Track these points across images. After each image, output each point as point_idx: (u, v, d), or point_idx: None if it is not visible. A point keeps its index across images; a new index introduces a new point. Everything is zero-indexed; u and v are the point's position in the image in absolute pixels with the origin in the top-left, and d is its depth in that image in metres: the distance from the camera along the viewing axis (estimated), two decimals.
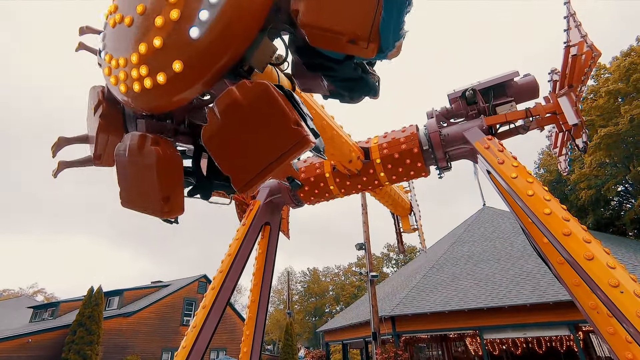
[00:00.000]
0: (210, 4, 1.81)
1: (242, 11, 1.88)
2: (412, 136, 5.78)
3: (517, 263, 15.91)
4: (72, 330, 19.08)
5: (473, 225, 21.73)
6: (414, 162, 5.73)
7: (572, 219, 4.22)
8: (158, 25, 1.87)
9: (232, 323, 29.36)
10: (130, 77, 2.01)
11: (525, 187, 4.58)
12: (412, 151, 5.69)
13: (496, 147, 5.14)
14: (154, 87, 1.95)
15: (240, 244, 6.52)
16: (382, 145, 5.93)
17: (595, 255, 3.81)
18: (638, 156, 20.97)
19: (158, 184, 2.08)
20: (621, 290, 3.50)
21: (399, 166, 5.79)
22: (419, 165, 5.72)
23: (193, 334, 5.70)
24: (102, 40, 2.28)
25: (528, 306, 12.53)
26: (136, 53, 1.93)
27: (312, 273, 69.88)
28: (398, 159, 5.79)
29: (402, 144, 5.81)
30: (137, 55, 1.93)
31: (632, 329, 3.39)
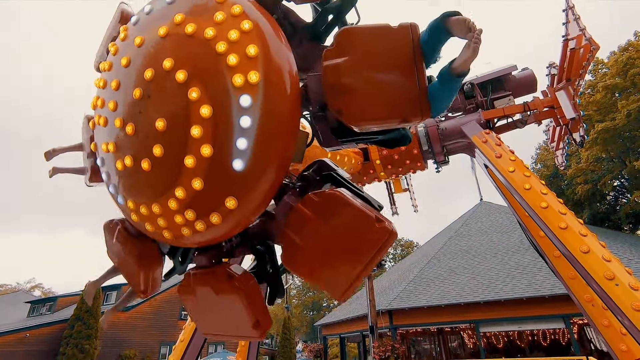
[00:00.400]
0: (243, 129, 1.63)
1: (279, 125, 1.73)
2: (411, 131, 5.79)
3: (514, 257, 16.02)
4: (70, 324, 19.10)
5: (470, 219, 21.82)
6: (414, 162, 5.75)
7: (569, 212, 4.24)
8: (190, 166, 1.66)
9: None
10: (175, 224, 1.81)
11: (523, 181, 4.58)
12: (411, 152, 5.69)
13: (494, 141, 5.13)
14: (208, 228, 1.77)
15: None
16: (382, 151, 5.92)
17: (591, 248, 3.83)
18: (634, 151, 21.07)
19: (247, 315, 1.94)
20: (616, 283, 3.52)
21: (399, 166, 5.79)
22: (417, 157, 5.72)
23: (191, 327, 5.71)
24: (108, 179, 2.07)
25: (524, 300, 12.63)
26: (174, 199, 1.73)
27: None
28: (398, 160, 5.78)
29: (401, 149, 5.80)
30: (175, 201, 1.73)
31: (627, 322, 3.41)
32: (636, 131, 20.05)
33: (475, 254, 17.77)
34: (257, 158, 1.66)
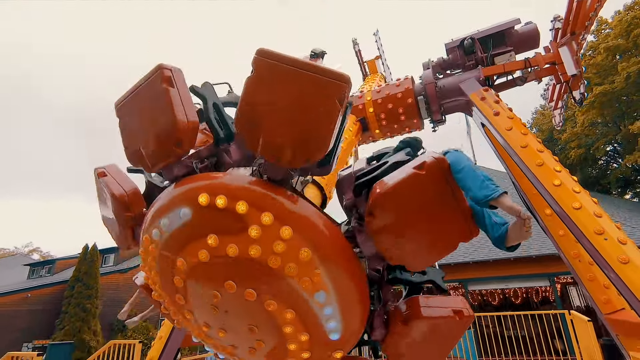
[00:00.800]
0: (328, 316, 1.76)
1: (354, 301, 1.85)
2: (406, 83, 5.63)
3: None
4: (70, 285, 19.54)
5: None
6: (408, 112, 5.61)
7: (563, 170, 4.24)
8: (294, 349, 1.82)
9: None
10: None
11: (519, 139, 4.54)
12: (406, 100, 5.55)
13: (492, 99, 5.02)
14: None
15: None
16: (377, 101, 5.77)
17: (583, 204, 3.87)
18: (630, 115, 21.02)
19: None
20: (605, 238, 3.59)
21: (393, 118, 5.65)
22: (413, 115, 5.59)
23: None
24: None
25: (512, 260, 13.07)
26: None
27: None
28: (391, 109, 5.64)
29: (396, 94, 5.66)
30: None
31: (613, 275, 3.52)
32: (634, 95, 19.88)
33: None
34: (348, 326, 1.84)
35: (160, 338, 5.53)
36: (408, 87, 5.68)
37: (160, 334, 5.57)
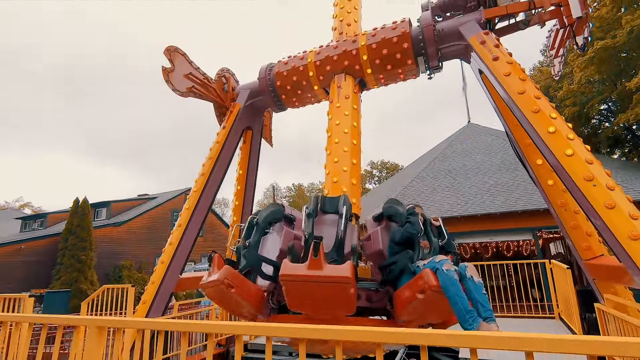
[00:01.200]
0: None
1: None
2: (403, 26, 5.32)
3: (494, 176, 16.57)
4: (63, 238, 19.71)
5: (456, 141, 22.00)
6: (403, 59, 5.36)
7: (559, 117, 4.15)
8: None
9: (220, 233, 30.91)
10: None
11: (517, 85, 4.39)
12: (401, 41, 5.27)
13: (492, 43, 4.79)
14: None
15: (221, 148, 6.36)
16: (371, 34, 5.47)
17: (575, 151, 3.83)
18: (628, 72, 20.67)
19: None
20: (594, 184, 3.59)
21: (387, 63, 5.40)
22: (409, 63, 5.36)
23: (179, 232, 5.84)
24: None
25: (498, 214, 13.39)
26: None
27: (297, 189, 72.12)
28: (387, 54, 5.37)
29: (392, 34, 5.36)
30: None
31: (599, 220, 3.56)
32: (634, 51, 19.41)
33: (457, 173, 18.29)
34: None
35: (153, 283, 5.64)
36: (405, 30, 5.37)
37: (152, 279, 5.68)
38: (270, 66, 6.46)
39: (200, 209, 6.08)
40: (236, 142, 6.72)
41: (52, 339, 9.69)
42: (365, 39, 5.47)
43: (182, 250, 5.82)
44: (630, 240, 3.22)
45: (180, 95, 6.14)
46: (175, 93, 6.04)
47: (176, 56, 6.05)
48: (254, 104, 6.84)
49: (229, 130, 6.45)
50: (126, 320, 2.00)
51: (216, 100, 6.74)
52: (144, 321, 1.90)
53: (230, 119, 6.54)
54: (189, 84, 6.20)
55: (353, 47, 5.59)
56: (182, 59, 6.16)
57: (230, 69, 7.10)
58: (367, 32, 5.58)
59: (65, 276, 18.61)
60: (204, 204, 6.12)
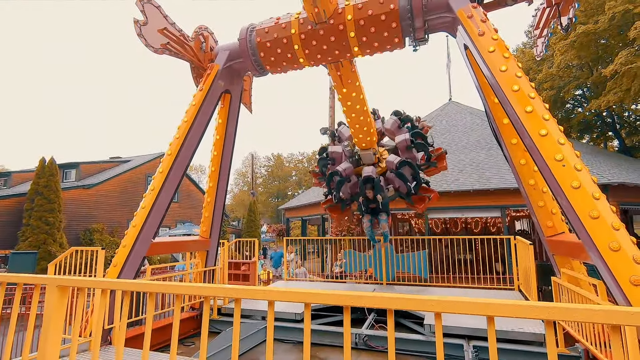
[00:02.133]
0: None
1: None
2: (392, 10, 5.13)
3: (470, 154, 16.96)
4: (29, 198, 18.89)
5: (436, 118, 22.20)
6: (390, 25, 5.21)
7: (537, 96, 4.21)
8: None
9: (196, 199, 30.50)
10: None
11: (500, 62, 4.38)
12: (389, 10, 5.11)
13: (479, 17, 4.72)
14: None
15: (197, 110, 6.11)
16: (358, 3, 5.27)
17: (550, 131, 3.93)
18: (605, 59, 21.17)
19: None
20: (564, 164, 3.72)
21: (373, 26, 5.24)
22: (394, 27, 5.20)
23: (152, 195, 5.69)
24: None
25: (472, 192, 13.84)
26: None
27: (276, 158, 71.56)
28: (373, 17, 5.20)
29: (379, 9, 5.18)
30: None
31: (564, 200, 3.71)
32: (613, 39, 19.80)
33: None
34: None
35: (125, 246, 5.53)
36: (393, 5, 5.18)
37: (124, 242, 5.57)
38: (251, 27, 6.15)
39: (175, 174, 5.91)
40: (213, 106, 6.48)
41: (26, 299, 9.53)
42: (352, 11, 5.25)
43: (155, 215, 5.70)
44: (590, 218, 3.39)
45: (154, 52, 5.78)
46: (148, 49, 5.68)
47: (150, 8, 5.63)
48: (233, 66, 6.55)
49: (206, 93, 6.19)
50: (87, 280, 1.95)
51: (193, 60, 6.41)
52: (105, 281, 1.86)
53: (208, 80, 6.26)
54: (164, 40, 5.83)
55: (339, 20, 5.37)
56: (156, 12, 5.75)
57: (209, 27, 6.71)
58: (352, 3, 5.35)
59: (32, 237, 18.00)
60: (178, 168, 5.95)
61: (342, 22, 5.37)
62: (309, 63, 5.97)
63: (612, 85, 18.51)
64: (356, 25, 5.30)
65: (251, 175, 42.17)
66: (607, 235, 3.26)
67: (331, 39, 5.52)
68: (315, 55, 5.77)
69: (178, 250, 7.05)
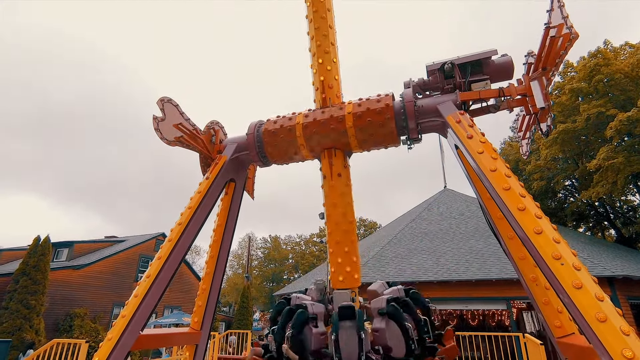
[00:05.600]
0: None
1: None
2: (387, 99, 5.80)
3: (468, 242, 16.90)
4: (14, 279, 18.12)
5: (433, 205, 22.65)
6: (386, 125, 5.71)
7: (528, 195, 4.43)
8: None
9: (188, 283, 29.25)
10: None
11: (489, 163, 4.72)
12: (385, 116, 5.67)
13: (467, 122, 5.22)
14: None
15: (202, 198, 6.31)
16: (357, 103, 5.87)
17: (543, 229, 4.04)
18: (587, 153, 22.52)
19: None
20: (562, 263, 3.76)
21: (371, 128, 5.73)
22: (391, 131, 5.69)
23: (147, 283, 5.54)
24: None
25: (473, 282, 13.45)
26: None
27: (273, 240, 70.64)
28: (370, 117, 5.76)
29: (376, 105, 5.78)
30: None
31: (567, 299, 3.67)
32: (592, 135, 21.38)
33: (434, 237, 18.58)
34: None
35: (110, 339, 5.19)
36: (388, 103, 5.79)
37: (109, 335, 5.25)
38: (259, 123, 6.72)
39: (173, 260, 5.85)
40: (218, 193, 6.71)
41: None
42: (351, 107, 5.85)
43: (148, 304, 5.45)
44: (597, 322, 3.30)
45: (167, 143, 6.21)
46: (162, 141, 6.11)
47: (169, 106, 6.23)
48: (240, 157, 6.97)
49: (212, 181, 6.47)
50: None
51: (203, 151, 6.84)
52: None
53: (215, 170, 6.59)
54: (178, 133, 6.31)
55: (339, 113, 5.94)
56: (174, 109, 6.35)
57: (220, 121, 7.33)
58: (352, 101, 5.99)
59: (7, 323, 16.77)
60: (177, 255, 5.91)
61: (342, 114, 5.91)
62: (310, 154, 6.34)
63: (599, 178, 19.41)
64: (354, 118, 5.82)
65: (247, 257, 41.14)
66: (617, 341, 3.14)
67: (331, 126, 5.96)
68: (315, 145, 6.14)
69: (167, 345, 6.59)
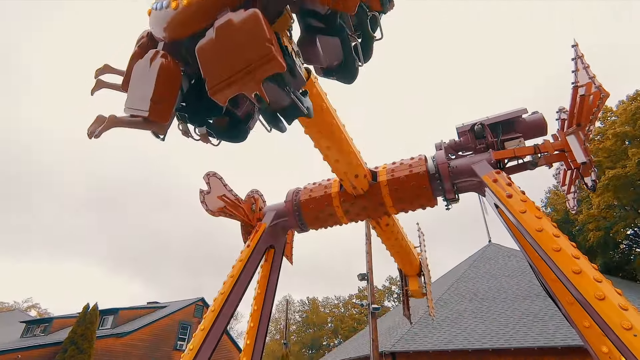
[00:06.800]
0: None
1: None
2: (420, 162, 5.88)
3: (524, 303, 15.44)
4: (63, 348, 18.58)
5: (478, 261, 21.31)
6: (421, 187, 5.74)
7: (582, 256, 4.16)
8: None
9: (227, 350, 28.41)
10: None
11: (534, 223, 4.54)
12: (419, 175, 5.73)
13: (504, 181, 5.15)
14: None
15: (243, 266, 6.46)
16: (390, 169, 6.00)
17: (606, 295, 3.72)
18: None
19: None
20: (634, 334, 3.39)
21: (406, 190, 5.78)
22: (426, 191, 5.71)
23: (190, 356, 5.55)
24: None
25: (535, 349, 12.04)
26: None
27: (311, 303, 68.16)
28: (405, 182, 5.81)
29: (410, 168, 5.87)
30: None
31: None
32: None
33: (484, 297, 17.18)
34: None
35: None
36: (422, 166, 5.89)
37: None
38: (296, 190, 7.01)
39: (216, 331, 5.86)
40: (258, 260, 6.85)
41: None
42: (385, 175, 5.98)
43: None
44: None
45: (211, 214, 6.60)
46: (207, 213, 6.51)
47: (213, 180, 6.73)
48: (279, 224, 7.19)
49: (252, 249, 6.65)
50: None
51: (244, 220, 7.15)
52: None
53: (255, 237, 6.81)
54: (222, 204, 6.71)
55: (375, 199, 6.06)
56: (218, 182, 6.83)
57: (260, 190, 7.73)
58: (386, 167, 6.16)
59: None
60: (219, 325, 5.93)
61: (377, 186, 6.03)
62: (348, 221, 6.46)
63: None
64: (390, 188, 5.91)
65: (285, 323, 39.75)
66: None
67: (368, 199, 6.10)
68: (353, 214, 6.28)
69: None
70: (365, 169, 5.82)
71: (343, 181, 5.90)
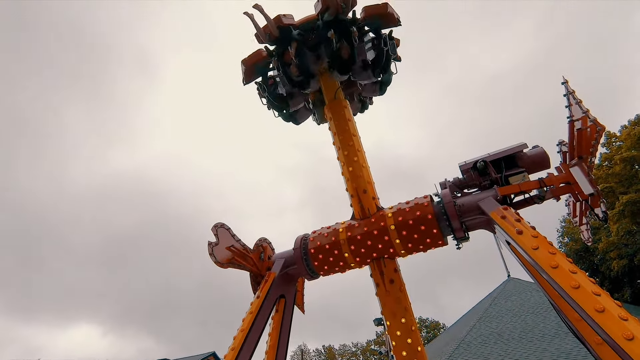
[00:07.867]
0: None
1: None
2: (425, 203, 5.86)
3: (553, 342, 14.52)
4: None
5: (499, 298, 20.37)
6: (429, 229, 5.68)
7: (603, 293, 3.99)
8: None
9: None
10: None
11: (549, 259, 4.42)
12: (426, 217, 5.69)
13: (513, 217, 5.09)
14: None
15: (254, 318, 6.29)
16: (396, 212, 5.97)
17: (635, 335, 3.52)
18: None
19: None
20: None
21: (414, 232, 5.72)
22: (435, 232, 5.64)
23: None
24: None
25: None
26: None
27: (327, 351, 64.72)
28: (412, 225, 5.76)
29: (416, 211, 5.84)
30: None
31: None
32: None
33: (509, 338, 16.20)
34: None
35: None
36: (428, 207, 5.87)
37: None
38: (304, 237, 6.97)
39: None
40: (269, 311, 6.67)
41: None
42: (392, 218, 5.95)
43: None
44: None
45: (220, 266, 6.55)
46: (216, 265, 6.47)
47: (221, 231, 6.75)
48: (288, 272, 7.07)
49: (262, 300, 6.50)
50: None
51: (252, 269, 7.07)
52: None
53: (265, 288, 6.68)
54: (230, 255, 6.68)
55: (382, 227, 6.03)
56: (225, 233, 6.84)
57: (268, 238, 7.71)
58: (392, 208, 6.15)
59: None
60: None
61: (385, 228, 5.99)
62: (358, 265, 6.34)
63: None
64: (397, 229, 5.85)
65: None
66: None
67: (376, 240, 6.01)
68: (362, 258, 6.17)
69: None
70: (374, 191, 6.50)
71: (352, 198, 6.30)
